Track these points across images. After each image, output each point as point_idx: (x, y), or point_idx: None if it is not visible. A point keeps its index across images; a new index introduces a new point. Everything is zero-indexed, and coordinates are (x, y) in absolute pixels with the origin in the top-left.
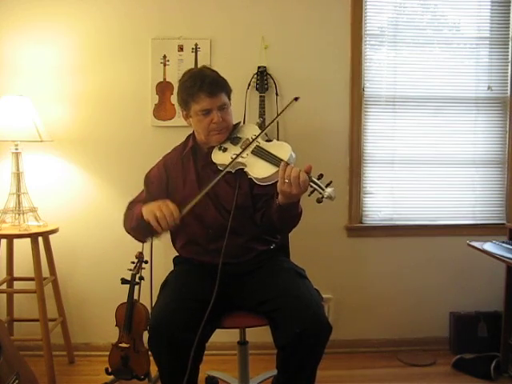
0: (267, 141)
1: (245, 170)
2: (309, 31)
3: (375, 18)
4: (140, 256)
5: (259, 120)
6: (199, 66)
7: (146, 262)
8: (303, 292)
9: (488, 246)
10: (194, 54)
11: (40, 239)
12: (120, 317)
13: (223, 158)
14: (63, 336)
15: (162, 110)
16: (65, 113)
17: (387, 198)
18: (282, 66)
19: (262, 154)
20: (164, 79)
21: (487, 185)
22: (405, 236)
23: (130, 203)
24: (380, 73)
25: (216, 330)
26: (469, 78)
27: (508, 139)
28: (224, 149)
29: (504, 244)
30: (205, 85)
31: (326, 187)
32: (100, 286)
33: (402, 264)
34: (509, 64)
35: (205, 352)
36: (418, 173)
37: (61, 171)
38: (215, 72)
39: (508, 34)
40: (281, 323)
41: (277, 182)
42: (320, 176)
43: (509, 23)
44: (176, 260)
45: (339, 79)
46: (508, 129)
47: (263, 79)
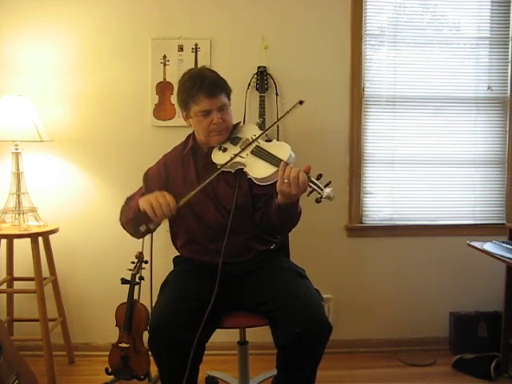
0: (267, 141)
1: (244, 170)
2: (309, 31)
3: (375, 18)
4: (140, 256)
5: (259, 120)
6: (199, 67)
7: (146, 262)
8: (303, 292)
9: (488, 246)
10: (194, 54)
11: (40, 239)
12: (120, 317)
13: (223, 158)
14: (63, 336)
15: (162, 110)
16: (65, 113)
17: (387, 198)
18: (282, 66)
19: (262, 154)
20: (164, 79)
21: (487, 185)
22: (405, 236)
23: (128, 198)
24: (380, 73)
25: (216, 330)
26: (469, 78)
27: (508, 139)
28: (224, 149)
29: (504, 244)
30: (204, 86)
31: (325, 187)
32: (100, 286)
33: (402, 264)
34: (509, 64)
35: (205, 352)
36: (418, 173)
37: (61, 171)
38: (215, 73)
39: (508, 34)
40: (281, 323)
41: (276, 182)
42: (319, 176)
43: (509, 23)
44: (176, 260)
45: (339, 79)
46: (508, 129)
47: (263, 79)
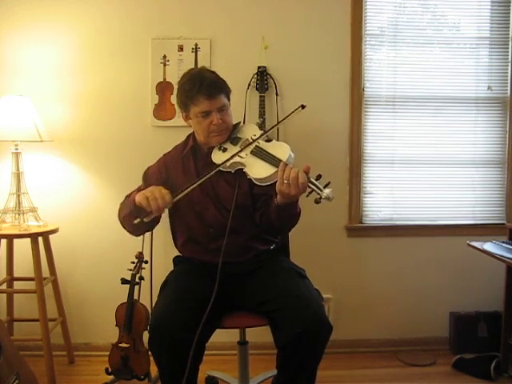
0: (267, 141)
1: (244, 171)
2: (309, 31)
3: (375, 18)
4: (140, 256)
5: (259, 120)
6: (198, 68)
7: (146, 262)
8: (303, 292)
9: (488, 246)
10: (194, 54)
11: (40, 239)
12: (120, 317)
13: (223, 158)
14: (63, 336)
15: (162, 110)
16: (65, 113)
17: (387, 198)
18: (282, 66)
19: (261, 155)
20: (164, 79)
21: (487, 185)
22: (405, 236)
23: (126, 196)
24: (380, 73)
25: (216, 330)
26: (469, 78)
27: (508, 139)
28: (224, 149)
29: (504, 244)
30: (203, 87)
31: (324, 188)
32: (100, 286)
33: (402, 264)
34: (509, 64)
35: (205, 352)
36: (418, 173)
37: (61, 171)
38: (214, 73)
39: (508, 34)
40: (281, 323)
41: (276, 182)
42: (318, 177)
43: (509, 23)
44: (176, 260)
45: (339, 79)
46: (508, 129)
47: (263, 79)
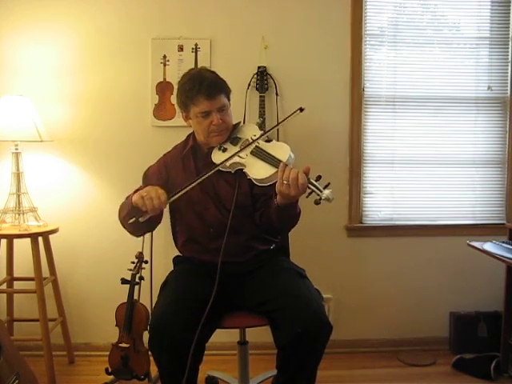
0: (267, 141)
1: (244, 171)
2: (309, 31)
3: (375, 18)
4: (140, 256)
5: (259, 120)
6: (198, 68)
7: (146, 262)
8: (303, 292)
9: (488, 246)
10: (194, 54)
11: (40, 239)
12: (120, 317)
13: (223, 159)
14: (63, 336)
15: (162, 110)
16: (65, 113)
17: (387, 198)
18: (282, 66)
19: (261, 155)
20: (164, 79)
21: (487, 185)
22: (405, 236)
23: (127, 197)
24: (380, 73)
25: (216, 330)
26: (469, 78)
27: (508, 139)
28: (224, 149)
29: (504, 244)
30: (203, 87)
31: (324, 189)
32: (100, 286)
33: (402, 264)
34: (509, 64)
35: (205, 352)
36: (418, 173)
37: (61, 171)
38: (214, 73)
39: (508, 34)
40: (281, 323)
41: (276, 183)
42: (318, 177)
43: (509, 23)
44: (176, 260)
45: (339, 79)
46: (508, 129)
47: (263, 79)
